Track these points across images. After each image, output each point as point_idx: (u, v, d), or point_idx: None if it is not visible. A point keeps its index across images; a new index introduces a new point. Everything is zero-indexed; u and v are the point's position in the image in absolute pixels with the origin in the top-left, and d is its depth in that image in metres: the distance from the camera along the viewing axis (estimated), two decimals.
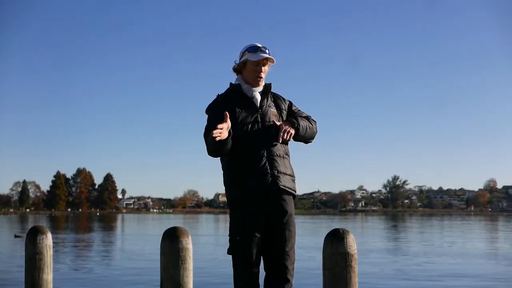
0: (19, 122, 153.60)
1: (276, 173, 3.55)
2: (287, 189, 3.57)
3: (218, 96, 3.74)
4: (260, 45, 3.69)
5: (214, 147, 3.53)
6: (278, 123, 3.59)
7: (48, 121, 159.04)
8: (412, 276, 11.62)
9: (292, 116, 3.75)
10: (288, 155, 3.73)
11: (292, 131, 3.59)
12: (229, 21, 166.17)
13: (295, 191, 3.67)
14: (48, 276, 4.22)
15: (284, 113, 3.76)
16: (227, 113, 3.46)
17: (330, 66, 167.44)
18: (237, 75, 3.78)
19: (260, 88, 3.73)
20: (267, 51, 3.69)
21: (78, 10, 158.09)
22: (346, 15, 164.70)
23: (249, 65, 3.68)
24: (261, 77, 3.70)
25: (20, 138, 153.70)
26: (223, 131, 3.40)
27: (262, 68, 3.68)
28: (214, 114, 3.65)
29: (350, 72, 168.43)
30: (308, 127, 3.72)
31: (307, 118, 3.79)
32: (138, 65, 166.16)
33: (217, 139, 3.37)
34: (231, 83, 3.78)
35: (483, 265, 13.86)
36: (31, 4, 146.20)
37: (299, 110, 3.85)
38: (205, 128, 3.66)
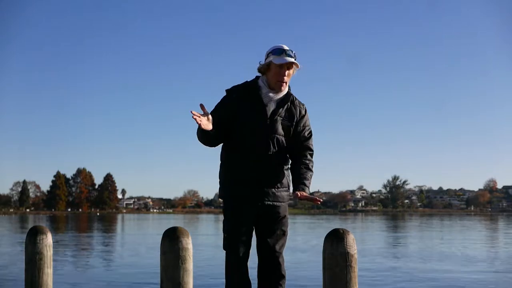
0: (19, 122, 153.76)
1: (266, 189, 3.60)
2: (275, 203, 3.63)
3: (237, 86, 3.72)
4: (286, 48, 3.61)
5: (198, 134, 3.61)
6: (298, 195, 3.56)
7: (48, 121, 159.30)
8: (412, 276, 11.62)
9: (297, 133, 3.71)
10: (286, 164, 3.75)
11: (304, 195, 3.55)
12: (229, 22, 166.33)
13: (285, 202, 3.71)
14: (48, 276, 4.22)
15: (293, 127, 3.71)
16: (202, 104, 3.50)
17: (330, 66, 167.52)
18: (262, 75, 3.74)
19: (280, 95, 3.68)
20: (292, 54, 3.60)
21: (77, 10, 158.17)
22: (346, 15, 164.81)
23: (273, 68, 3.62)
24: (284, 81, 3.63)
25: (20, 138, 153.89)
26: (202, 118, 3.45)
27: (286, 72, 3.61)
28: (220, 107, 3.70)
29: (350, 72, 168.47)
30: (311, 176, 3.71)
31: (308, 158, 3.74)
32: (138, 65, 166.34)
33: (198, 121, 3.43)
34: (257, 76, 3.74)
35: (483, 266, 13.85)
36: (30, 5, 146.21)
37: (306, 127, 3.76)
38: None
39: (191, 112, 3.40)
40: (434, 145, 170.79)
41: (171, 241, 3.25)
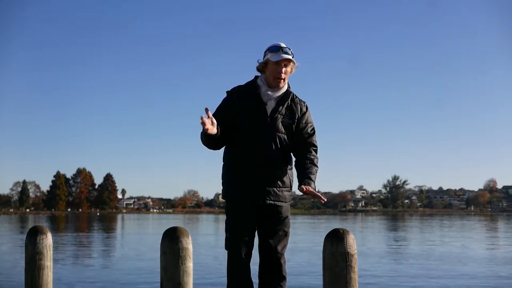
0: (19, 122, 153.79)
1: (268, 188, 3.59)
2: (276, 203, 3.62)
3: (237, 87, 3.74)
4: (283, 45, 3.63)
5: (203, 138, 3.61)
6: (304, 189, 3.56)
7: (48, 121, 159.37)
8: (412, 276, 11.61)
9: (299, 130, 3.70)
10: (289, 163, 3.74)
11: (310, 190, 3.56)
12: (229, 22, 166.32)
13: (287, 202, 3.69)
14: (48, 276, 4.22)
15: (295, 124, 3.70)
16: (207, 108, 3.50)
17: (330, 66, 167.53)
18: (260, 74, 3.76)
19: (279, 93, 3.69)
20: (289, 52, 3.62)
21: (77, 10, 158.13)
22: (346, 14, 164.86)
23: (270, 65, 3.65)
24: (282, 78, 3.64)
25: (20, 138, 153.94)
26: (206, 123, 3.45)
27: (283, 69, 3.62)
28: (222, 108, 3.72)
29: (350, 72, 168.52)
30: (316, 171, 3.71)
31: (313, 154, 3.74)
32: (137, 65, 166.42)
33: (206, 127, 3.43)
34: (256, 78, 3.76)
35: (483, 267, 13.85)
36: (30, 5, 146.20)
37: (308, 124, 3.75)
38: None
39: (202, 117, 3.41)
40: (434, 145, 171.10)
41: (171, 241, 3.24)
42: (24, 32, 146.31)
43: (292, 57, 3.63)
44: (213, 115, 3.65)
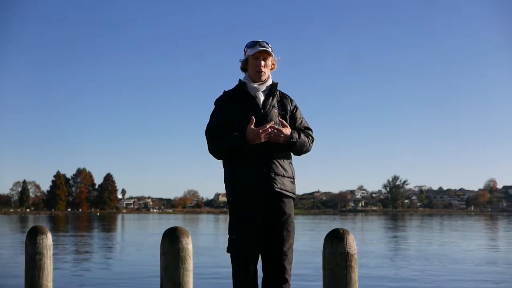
0: (19, 122, 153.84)
1: (273, 175, 3.55)
2: (283, 192, 3.58)
3: (224, 92, 3.76)
4: (259, 40, 3.69)
5: (228, 151, 3.60)
6: (281, 123, 3.60)
7: (48, 121, 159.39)
8: (412, 276, 11.62)
9: (295, 126, 3.73)
10: (290, 157, 3.73)
11: (281, 138, 3.57)
12: (229, 22, 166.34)
13: (294, 193, 3.67)
14: (48, 276, 4.22)
15: (289, 114, 3.73)
16: (253, 117, 3.52)
17: (330, 66, 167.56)
18: (245, 74, 3.80)
19: (265, 86, 3.72)
20: (266, 45, 3.67)
21: (77, 10, 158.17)
22: (345, 14, 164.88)
23: (250, 60, 3.71)
24: (262, 71, 3.68)
25: (20, 138, 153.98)
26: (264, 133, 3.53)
27: (262, 62, 3.67)
28: (217, 113, 3.71)
29: (350, 72, 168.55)
30: (303, 145, 3.70)
31: (307, 133, 3.77)
32: (138, 65, 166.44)
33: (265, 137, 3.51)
34: (240, 80, 3.79)
35: (483, 267, 13.85)
36: (30, 5, 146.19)
37: (302, 118, 3.81)
38: (208, 126, 3.71)
39: (270, 126, 3.52)
40: (434, 145, 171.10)
41: (171, 241, 3.24)
42: (24, 32, 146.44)
43: (271, 51, 3.68)
44: (213, 122, 3.66)
